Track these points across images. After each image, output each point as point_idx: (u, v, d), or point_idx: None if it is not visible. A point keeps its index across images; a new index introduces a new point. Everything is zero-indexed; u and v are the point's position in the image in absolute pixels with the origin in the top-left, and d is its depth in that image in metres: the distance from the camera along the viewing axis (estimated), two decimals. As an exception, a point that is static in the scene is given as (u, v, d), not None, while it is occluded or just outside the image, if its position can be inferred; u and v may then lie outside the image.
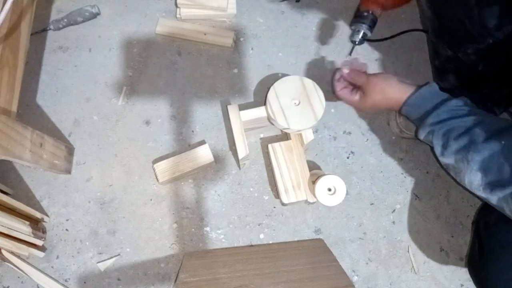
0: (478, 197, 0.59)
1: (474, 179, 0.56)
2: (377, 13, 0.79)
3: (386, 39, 0.93)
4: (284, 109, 0.77)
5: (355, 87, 0.78)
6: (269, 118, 0.79)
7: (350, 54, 0.79)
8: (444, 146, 0.61)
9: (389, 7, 0.79)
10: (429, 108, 0.64)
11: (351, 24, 0.79)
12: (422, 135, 0.66)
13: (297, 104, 0.77)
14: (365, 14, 0.78)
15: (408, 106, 0.67)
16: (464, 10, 0.59)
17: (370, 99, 0.72)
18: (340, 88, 0.80)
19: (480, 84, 0.74)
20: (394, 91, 0.69)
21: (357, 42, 0.80)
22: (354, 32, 0.79)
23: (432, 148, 0.65)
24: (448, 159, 0.61)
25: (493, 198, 0.54)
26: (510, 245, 0.60)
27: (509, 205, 0.53)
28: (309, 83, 0.79)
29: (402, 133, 0.87)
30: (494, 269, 0.64)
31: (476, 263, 0.69)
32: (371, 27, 0.78)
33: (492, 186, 0.54)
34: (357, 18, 0.79)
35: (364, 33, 0.78)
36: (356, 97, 0.75)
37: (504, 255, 0.63)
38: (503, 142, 0.54)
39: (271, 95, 0.78)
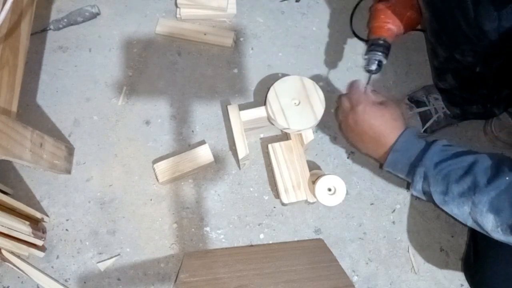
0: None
1: (486, 222, 0.53)
2: (390, 40, 0.77)
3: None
4: (284, 109, 0.77)
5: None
6: (269, 118, 0.79)
7: (368, 83, 0.74)
8: (445, 192, 0.56)
9: (400, 33, 0.78)
10: (416, 152, 0.60)
11: (365, 53, 0.77)
12: (416, 185, 0.60)
13: (297, 104, 0.77)
14: (380, 42, 0.76)
15: (395, 152, 0.62)
16: (461, 11, 0.59)
17: (386, 112, 0.66)
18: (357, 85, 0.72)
19: (479, 85, 0.74)
20: (381, 127, 0.65)
21: (373, 71, 0.76)
22: (370, 61, 0.76)
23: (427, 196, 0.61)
24: (450, 206, 0.57)
25: None
26: (505, 249, 0.57)
27: None
28: (309, 83, 0.79)
29: None
30: (489, 272, 0.63)
31: (471, 266, 0.69)
32: (386, 54, 0.76)
33: (510, 225, 0.50)
34: (371, 47, 0.76)
35: (380, 61, 0.76)
36: (374, 97, 0.69)
37: (500, 258, 0.62)
38: (507, 178, 0.51)
39: (271, 95, 0.78)
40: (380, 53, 0.75)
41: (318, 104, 0.77)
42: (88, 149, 0.85)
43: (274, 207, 0.84)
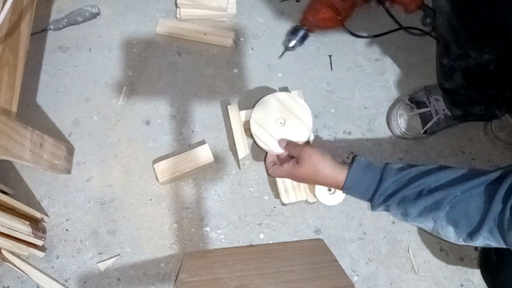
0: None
1: (448, 234, 0.56)
2: (310, 30, 0.93)
3: (380, 35, 0.93)
4: (274, 134, 0.76)
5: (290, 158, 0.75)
6: (263, 149, 0.78)
7: (280, 56, 0.93)
8: (404, 214, 0.59)
9: (317, 26, 0.92)
10: (371, 186, 0.62)
11: (288, 33, 0.94)
12: (375, 210, 0.64)
13: (283, 123, 0.77)
14: (299, 29, 0.92)
15: (348, 189, 0.65)
16: (489, 4, 0.58)
17: (302, 170, 0.69)
18: (271, 165, 0.75)
19: (488, 84, 0.73)
20: (327, 168, 0.66)
21: (290, 48, 0.93)
22: (290, 40, 0.92)
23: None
24: (413, 223, 0.61)
25: (478, 243, 0.54)
26: None
27: (494, 242, 0.52)
28: (284, 96, 0.78)
29: (403, 134, 0.87)
30: None
31: (493, 265, 0.67)
32: (302, 39, 0.93)
33: (469, 234, 0.54)
34: (293, 31, 0.93)
35: (295, 43, 0.92)
36: (288, 165, 0.71)
37: None
38: (458, 194, 0.54)
39: (254, 127, 0.77)
40: (296, 38, 0.92)
41: (303, 112, 0.77)
42: (88, 149, 0.85)
43: (274, 207, 0.84)
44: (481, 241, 0.53)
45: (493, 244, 0.53)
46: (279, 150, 0.76)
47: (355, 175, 0.64)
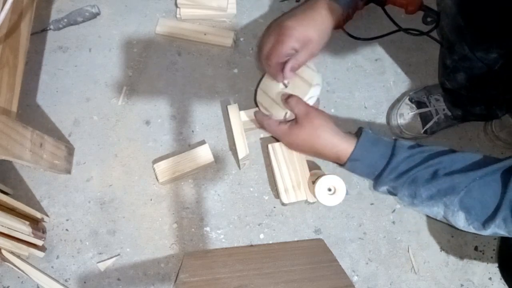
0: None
1: (458, 220, 0.54)
2: None
3: (379, 37, 0.94)
4: (276, 99, 0.73)
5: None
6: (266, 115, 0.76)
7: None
8: (412, 196, 0.56)
9: None
10: (381, 160, 0.58)
11: None
12: (379, 189, 0.60)
13: (287, 84, 0.73)
14: None
15: (353, 162, 0.60)
16: (499, 4, 0.57)
17: (301, 132, 0.63)
18: (266, 118, 0.71)
19: (491, 84, 0.73)
20: (330, 134, 0.61)
21: None
22: None
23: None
24: (420, 207, 0.57)
25: (487, 232, 0.53)
26: None
27: (504, 231, 0.51)
28: None
29: (403, 133, 0.87)
30: None
31: None
32: None
33: (482, 222, 0.52)
34: None
35: None
36: (285, 125, 0.66)
37: None
38: (477, 178, 0.52)
39: (259, 94, 0.77)
40: None
41: (309, 73, 0.71)
42: (88, 149, 0.85)
43: (274, 207, 0.84)
44: (491, 230, 0.52)
45: (501, 232, 0.52)
46: (281, 116, 0.71)
47: (364, 146, 0.59)
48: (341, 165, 0.64)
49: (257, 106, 0.79)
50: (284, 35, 0.63)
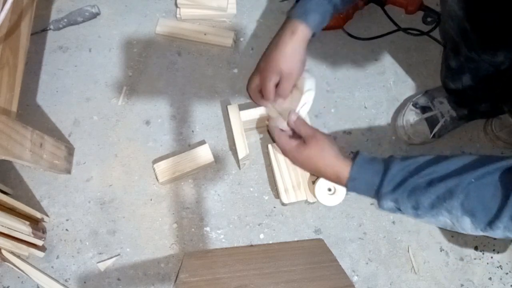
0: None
1: (464, 225, 0.54)
2: None
3: (378, 37, 0.94)
4: (278, 109, 0.77)
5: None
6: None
7: None
8: (415, 207, 0.56)
9: None
10: (377, 176, 0.60)
11: None
12: (385, 206, 0.61)
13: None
14: None
15: (352, 181, 0.63)
16: (509, 9, 0.56)
17: (308, 151, 0.67)
18: (277, 129, 0.74)
19: (497, 83, 0.72)
20: (333, 156, 0.65)
21: None
22: None
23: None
24: (426, 218, 0.57)
25: (498, 233, 0.52)
26: None
27: None
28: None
29: (411, 140, 0.87)
30: None
31: None
32: None
33: (488, 223, 0.51)
34: None
35: None
36: (294, 142, 0.70)
37: None
38: (472, 180, 0.52)
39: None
40: None
41: (299, 79, 0.74)
42: (88, 149, 0.85)
43: (274, 207, 0.84)
44: (501, 231, 0.51)
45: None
46: (283, 125, 0.74)
47: (360, 166, 0.62)
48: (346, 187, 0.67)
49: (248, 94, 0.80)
50: (261, 77, 0.74)
